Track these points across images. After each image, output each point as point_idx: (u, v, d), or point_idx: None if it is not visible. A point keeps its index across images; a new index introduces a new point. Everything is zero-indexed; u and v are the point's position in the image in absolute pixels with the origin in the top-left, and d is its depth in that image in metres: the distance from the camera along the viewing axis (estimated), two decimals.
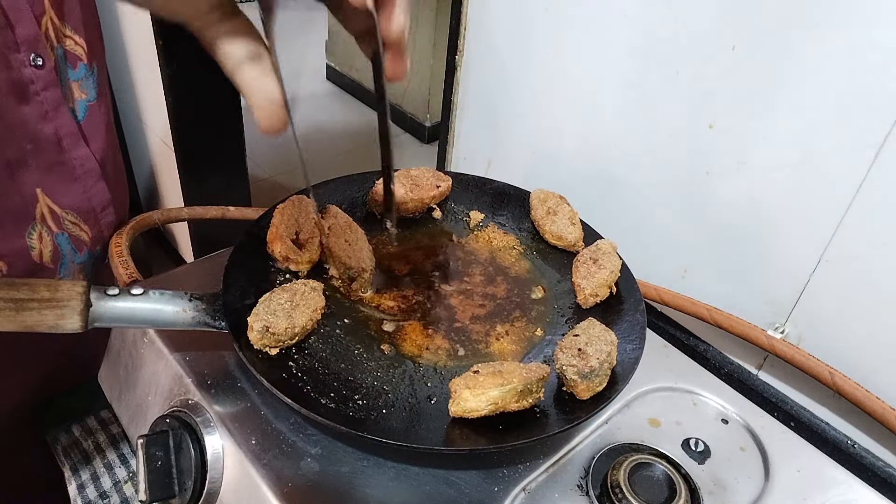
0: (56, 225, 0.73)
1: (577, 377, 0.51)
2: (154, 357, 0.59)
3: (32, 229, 0.71)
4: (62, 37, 0.71)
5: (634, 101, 0.72)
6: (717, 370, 0.71)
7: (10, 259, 0.69)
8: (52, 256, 0.73)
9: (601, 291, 0.62)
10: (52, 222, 0.73)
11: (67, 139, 0.72)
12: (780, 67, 0.59)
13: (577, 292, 0.63)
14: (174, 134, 1.51)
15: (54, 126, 0.70)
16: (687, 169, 0.69)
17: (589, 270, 0.63)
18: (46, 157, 0.71)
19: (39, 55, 0.66)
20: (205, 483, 0.51)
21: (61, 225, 0.74)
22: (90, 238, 0.78)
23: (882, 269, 0.58)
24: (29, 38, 0.65)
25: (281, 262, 0.62)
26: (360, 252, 0.63)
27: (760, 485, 0.54)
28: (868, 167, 0.56)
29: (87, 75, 0.76)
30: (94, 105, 0.77)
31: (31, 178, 0.69)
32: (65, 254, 0.75)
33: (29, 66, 0.66)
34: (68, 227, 0.75)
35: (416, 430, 0.50)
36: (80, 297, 0.47)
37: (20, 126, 0.67)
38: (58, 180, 0.72)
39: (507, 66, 0.85)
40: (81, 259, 0.78)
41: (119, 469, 0.72)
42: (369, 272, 0.62)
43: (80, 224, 0.76)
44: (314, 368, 0.53)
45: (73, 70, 0.73)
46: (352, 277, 0.62)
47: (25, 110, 0.67)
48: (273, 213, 0.64)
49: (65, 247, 0.75)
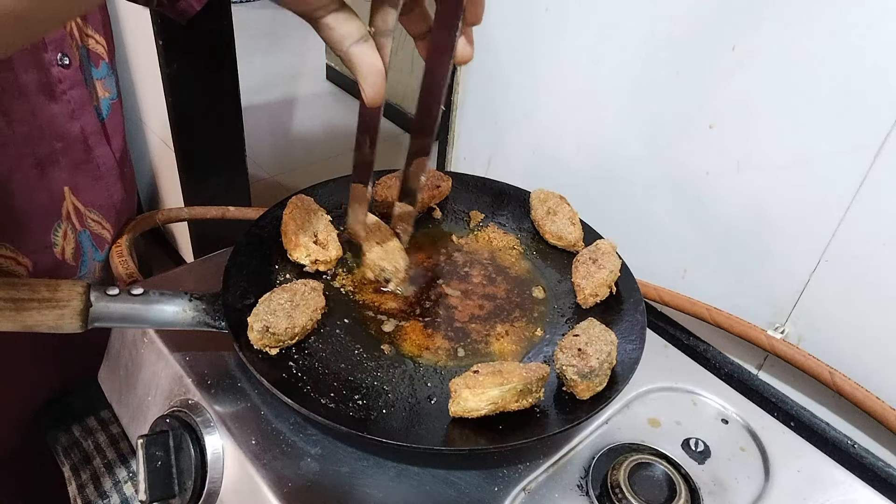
0: (79, 223, 0.74)
1: (577, 377, 0.51)
2: (154, 357, 0.59)
3: (58, 227, 0.71)
4: (85, 36, 0.72)
5: (634, 100, 0.72)
6: (717, 370, 0.71)
7: (35, 257, 0.70)
8: (74, 254, 0.74)
9: (601, 291, 0.62)
10: (77, 220, 0.74)
11: (92, 137, 0.73)
12: (779, 67, 0.59)
13: (577, 292, 0.63)
14: (174, 134, 1.50)
15: (80, 124, 0.71)
16: (687, 169, 0.69)
17: (589, 270, 0.63)
18: (74, 155, 0.72)
19: (66, 54, 0.67)
20: (205, 483, 0.51)
21: (84, 223, 0.75)
22: (111, 236, 0.79)
23: (882, 269, 0.58)
24: (56, 37, 0.66)
25: (309, 266, 0.62)
26: (394, 252, 0.62)
27: (760, 485, 0.54)
28: (868, 167, 0.56)
29: (108, 74, 0.77)
30: (116, 103, 0.79)
31: (59, 176, 0.71)
32: (85, 251, 0.76)
33: (56, 65, 0.67)
34: (90, 224, 0.76)
35: (416, 430, 0.50)
36: (80, 297, 0.47)
37: (49, 125, 0.68)
38: (83, 178, 0.74)
39: (507, 67, 0.85)
40: (102, 257, 0.78)
41: (119, 469, 0.72)
42: (404, 272, 0.62)
43: (101, 222, 0.77)
44: (314, 368, 0.53)
45: (95, 69, 0.75)
46: (388, 279, 0.62)
47: (54, 109, 0.68)
48: (281, 219, 0.64)
49: (86, 244, 0.76)
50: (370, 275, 0.62)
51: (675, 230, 0.73)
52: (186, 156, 1.55)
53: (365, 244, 0.62)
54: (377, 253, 0.62)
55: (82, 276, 0.76)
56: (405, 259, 0.63)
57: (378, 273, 0.62)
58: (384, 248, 0.62)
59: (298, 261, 0.62)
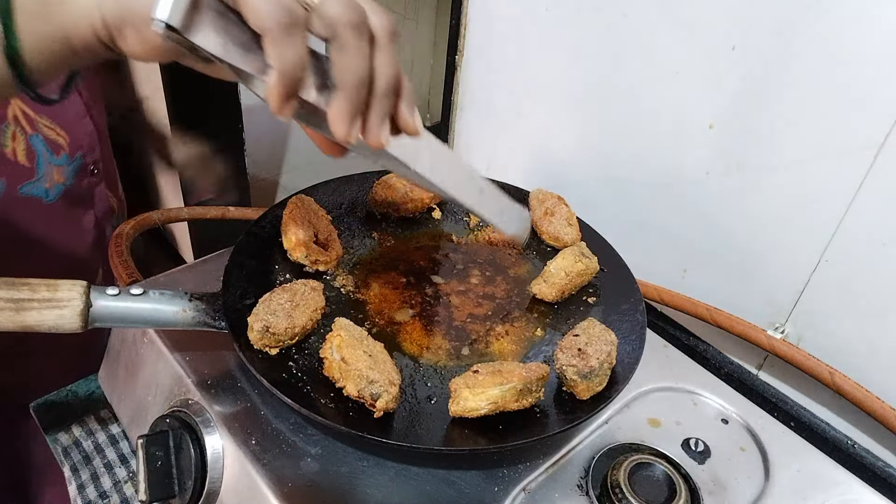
0: (30, 126, 0.76)
1: (577, 377, 0.51)
2: (154, 357, 0.59)
3: (6, 128, 0.73)
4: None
5: (634, 100, 0.72)
6: (717, 370, 0.71)
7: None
8: (27, 155, 0.75)
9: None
10: (27, 124, 0.76)
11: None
12: (779, 68, 0.59)
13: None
14: (174, 134, 1.50)
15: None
16: (687, 169, 0.69)
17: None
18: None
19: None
20: (205, 483, 0.51)
21: (35, 127, 0.77)
22: (67, 143, 0.80)
23: (882, 269, 0.58)
24: None
25: (309, 266, 0.62)
26: (385, 364, 0.51)
27: (760, 485, 0.54)
28: (868, 168, 0.56)
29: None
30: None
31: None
32: (40, 154, 0.77)
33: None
34: (42, 129, 0.77)
35: (416, 430, 0.50)
36: (81, 297, 0.47)
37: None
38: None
39: (507, 67, 0.85)
40: (59, 161, 0.80)
41: (119, 469, 0.72)
42: (398, 386, 0.50)
43: (55, 129, 0.79)
44: (314, 368, 0.53)
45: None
46: (376, 394, 0.48)
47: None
48: (281, 219, 0.64)
49: (39, 147, 0.77)
50: (352, 389, 0.49)
51: (675, 230, 0.73)
52: (186, 155, 1.55)
53: (349, 353, 0.50)
54: (364, 362, 0.50)
55: (39, 177, 0.77)
56: (398, 373, 0.52)
57: (363, 387, 0.49)
58: (373, 357, 0.51)
59: (298, 261, 0.62)
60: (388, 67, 0.39)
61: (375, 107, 0.40)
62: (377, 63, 0.39)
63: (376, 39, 0.39)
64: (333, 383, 0.51)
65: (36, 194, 0.78)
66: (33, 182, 0.77)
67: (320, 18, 0.37)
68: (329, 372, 0.51)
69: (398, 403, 0.50)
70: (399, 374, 0.51)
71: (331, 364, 0.51)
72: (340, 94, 0.38)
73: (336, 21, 0.37)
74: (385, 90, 0.40)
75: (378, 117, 0.40)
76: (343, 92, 0.38)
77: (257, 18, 0.35)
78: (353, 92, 0.38)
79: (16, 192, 0.75)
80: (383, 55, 0.39)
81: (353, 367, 0.49)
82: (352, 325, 0.54)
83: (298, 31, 0.36)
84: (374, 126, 0.40)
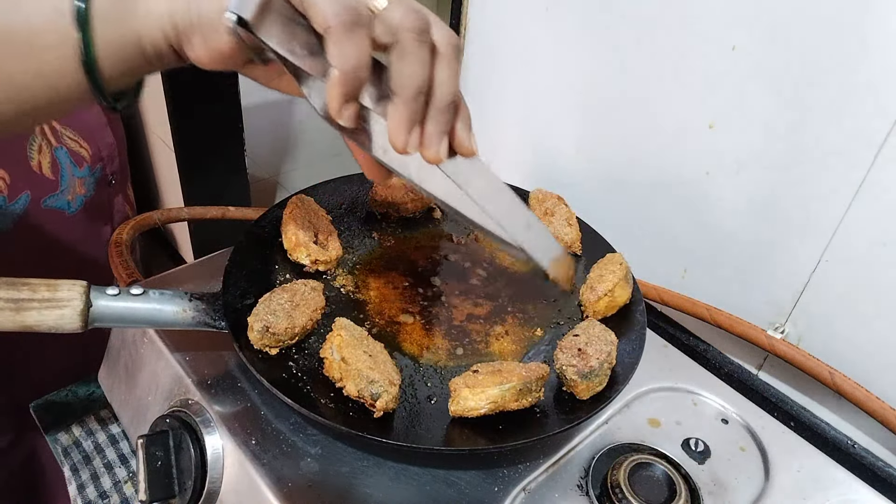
0: (55, 139, 0.78)
1: (577, 377, 0.51)
2: (154, 357, 0.59)
3: (33, 141, 0.75)
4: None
5: (634, 100, 0.72)
6: (717, 370, 0.71)
7: (11, 169, 0.72)
8: (52, 168, 0.76)
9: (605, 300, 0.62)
10: (52, 137, 0.78)
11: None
12: (779, 68, 0.59)
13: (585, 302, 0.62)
14: (174, 134, 1.51)
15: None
16: (687, 169, 0.69)
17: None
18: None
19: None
20: (205, 483, 0.51)
21: (60, 140, 0.79)
22: (90, 155, 0.82)
23: (882, 270, 0.58)
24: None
25: (309, 266, 0.62)
26: (385, 364, 0.51)
27: (760, 485, 0.54)
28: (868, 167, 0.56)
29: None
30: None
31: None
32: (63, 166, 0.78)
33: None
34: (67, 142, 0.79)
35: (416, 430, 0.50)
36: (81, 297, 0.47)
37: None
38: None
39: (506, 66, 0.85)
40: (82, 173, 0.81)
41: (119, 469, 0.72)
42: (398, 386, 0.50)
43: (78, 141, 0.80)
44: (314, 368, 0.53)
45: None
46: (376, 394, 0.48)
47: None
48: (281, 219, 0.64)
49: (63, 160, 0.78)
50: (352, 389, 0.49)
51: (675, 230, 0.73)
52: (186, 156, 1.55)
53: (349, 353, 0.50)
54: (364, 362, 0.50)
55: (62, 190, 0.79)
56: (398, 373, 0.52)
57: (363, 387, 0.49)
58: (373, 357, 0.51)
59: (298, 261, 0.62)
60: (448, 81, 0.38)
61: (433, 118, 0.39)
62: (437, 75, 0.38)
63: (439, 51, 0.38)
64: (333, 383, 0.51)
65: (58, 207, 0.78)
66: (56, 195, 0.78)
67: (383, 23, 0.36)
68: (329, 372, 0.52)
69: (398, 403, 0.50)
70: (399, 374, 0.51)
71: (331, 364, 0.51)
72: (398, 100, 0.37)
73: (399, 26, 0.36)
74: (443, 103, 0.39)
75: (436, 129, 0.39)
76: (401, 98, 0.37)
77: (321, 17, 0.35)
78: (411, 99, 0.37)
79: (39, 206, 0.76)
80: (445, 68, 0.38)
81: (353, 367, 0.49)
82: (352, 325, 0.54)
83: (362, 31, 0.36)
84: (431, 137, 0.39)
